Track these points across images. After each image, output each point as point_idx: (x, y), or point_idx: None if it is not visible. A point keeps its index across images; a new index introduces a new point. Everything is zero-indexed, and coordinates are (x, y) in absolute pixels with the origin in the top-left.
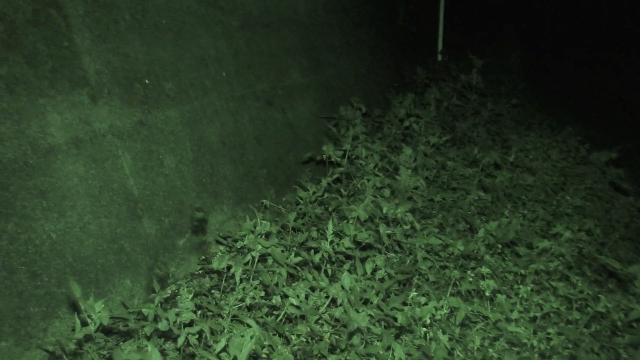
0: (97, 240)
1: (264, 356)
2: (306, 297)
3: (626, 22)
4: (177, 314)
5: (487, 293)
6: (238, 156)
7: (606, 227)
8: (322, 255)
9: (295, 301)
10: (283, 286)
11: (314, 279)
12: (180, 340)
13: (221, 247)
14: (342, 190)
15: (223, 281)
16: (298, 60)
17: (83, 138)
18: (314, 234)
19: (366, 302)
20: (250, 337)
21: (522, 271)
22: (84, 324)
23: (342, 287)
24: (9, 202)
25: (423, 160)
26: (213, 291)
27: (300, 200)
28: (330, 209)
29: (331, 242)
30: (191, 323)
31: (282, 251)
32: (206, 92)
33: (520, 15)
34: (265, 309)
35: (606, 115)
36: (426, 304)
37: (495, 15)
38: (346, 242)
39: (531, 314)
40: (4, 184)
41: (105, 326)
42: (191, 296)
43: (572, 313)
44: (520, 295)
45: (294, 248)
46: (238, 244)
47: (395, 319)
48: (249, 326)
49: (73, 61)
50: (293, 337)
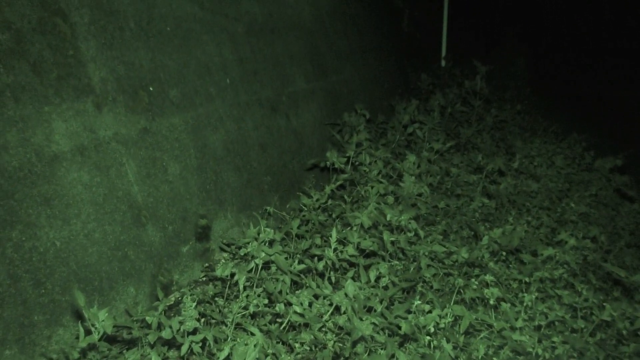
0: (101, 247)
1: None
2: (310, 305)
3: (631, 28)
4: (181, 322)
5: (492, 301)
6: (242, 163)
7: (611, 235)
8: (326, 262)
9: (298, 309)
10: (287, 294)
11: (318, 287)
12: (183, 348)
13: (225, 255)
14: (346, 197)
15: (227, 289)
16: (303, 66)
17: (87, 146)
18: (318, 241)
19: (370, 310)
20: (253, 346)
21: (527, 279)
22: (88, 333)
23: (346, 295)
24: (14, 210)
25: (427, 166)
26: (217, 299)
27: (303, 207)
28: (334, 216)
29: (335, 250)
30: (195, 331)
31: (286, 258)
32: (211, 99)
33: (524, 21)
34: (268, 317)
35: (611, 121)
36: (430, 312)
37: (499, 21)
38: (350, 250)
39: (536, 323)
40: (9, 192)
41: (109, 335)
42: (195, 304)
43: (577, 321)
44: (524, 303)
45: (298, 255)
46: (242, 251)
47: (399, 327)
48: (253, 334)
49: (78, 69)
50: (297, 345)
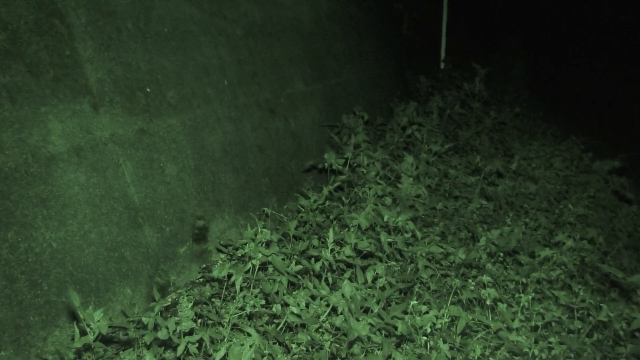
0: (98, 248)
1: None
2: (307, 306)
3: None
4: (177, 323)
5: (488, 302)
6: (240, 164)
7: (609, 236)
8: (323, 263)
9: (295, 310)
10: (283, 295)
11: (315, 288)
12: (180, 349)
13: (222, 256)
14: (344, 198)
15: (224, 289)
16: (301, 68)
17: (84, 146)
18: (315, 242)
19: (367, 311)
20: (250, 346)
21: (524, 280)
22: (83, 333)
23: (343, 296)
24: (10, 211)
25: (425, 168)
26: (213, 299)
27: (301, 208)
28: (331, 217)
29: (332, 251)
30: (191, 332)
31: (283, 259)
32: (208, 101)
33: (524, 23)
34: (265, 318)
35: (610, 124)
36: (427, 313)
37: (499, 23)
38: (347, 251)
39: (532, 323)
40: (5, 193)
41: (104, 335)
42: (191, 305)
43: (574, 322)
44: (521, 304)
45: (295, 256)
46: (239, 252)
47: (395, 328)
48: (249, 335)
49: (75, 70)
50: (293, 346)
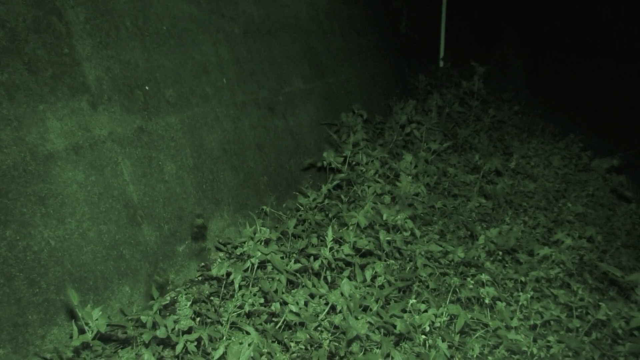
0: (96, 247)
1: None
2: (305, 304)
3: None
4: (176, 321)
5: (487, 300)
6: (239, 163)
7: (608, 235)
8: (322, 262)
9: (294, 308)
10: (282, 293)
11: (314, 286)
12: (178, 347)
13: (221, 254)
14: (343, 196)
15: (222, 288)
16: (300, 66)
17: (83, 144)
18: (314, 241)
19: (366, 309)
20: (248, 345)
21: (523, 278)
22: (82, 332)
23: (342, 294)
24: (8, 209)
25: (424, 166)
26: (212, 298)
27: (300, 206)
28: (330, 216)
29: (331, 249)
30: (190, 330)
31: (282, 258)
32: (207, 99)
33: (522, 21)
34: (264, 316)
35: (608, 122)
36: (426, 311)
37: (497, 21)
38: (346, 249)
39: (531, 322)
40: (3, 191)
41: (103, 334)
42: (190, 303)
43: (573, 321)
44: (520, 302)
45: (294, 255)
46: (238, 251)
47: (394, 326)
48: (248, 333)
49: (73, 68)
50: (292, 345)
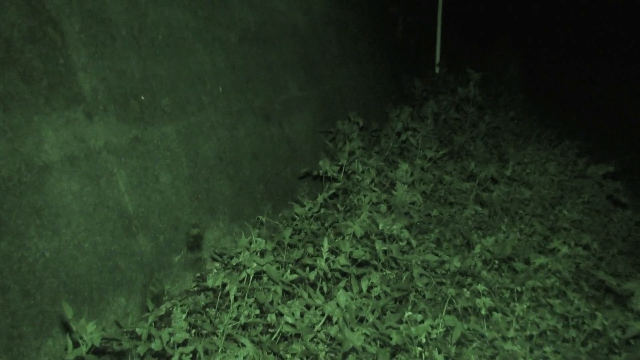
0: (92, 258)
1: None
2: (301, 315)
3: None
4: (171, 334)
5: (483, 311)
6: (234, 172)
7: (604, 242)
8: (318, 272)
9: (290, 319)
10: (278, 304)
11: (310, 297)
12: None
13: (217, 264)
14: (339, 205)
15: (218, 299)
16: (296, 74)
17: (78, 155)
18: (310, 250)
19: (362, 320)
20: (244, 357)
21: (519, 288)
22: (76, 345)
23: (338, 305)
24: (3, 221)
25: (420, 174)
26: (208, 309)
27: (296, 216)
28: (326, 225)
29: (327, 260)
30: (185, 342)
31: (278, 268)
32: (203, 108)
33: (517, 26)
34: (260, 328)
35: (604, 127)
36: (422, 322)
37: (492, 26)
38: (342, 260)
39: (527, 332)
40: None
41: (97, 347)
42: (185, 315)
43: (569, 331)
44: (516, 313)
45: (290, 265)
46: (233, 261)
47: (390, 338)
48: (244, 345)
49: (69, 78)
50: (288, 356)
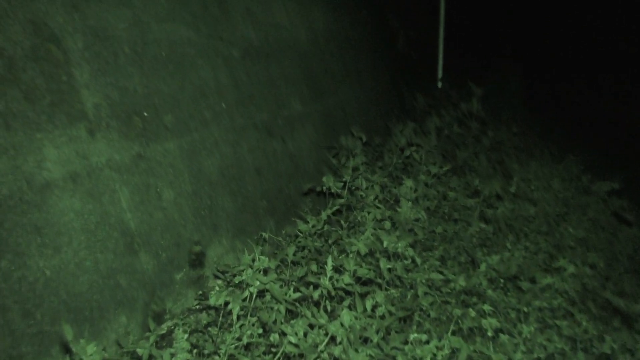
0: (93, 276)
1: None
2: (305, 335)
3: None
4: (172, 354)
5: (490, 332)
6: (237, 187)
7: (610, 260)
8: (322, 291)
9: (293, 339)
10: (281, 323)
11: (313, 316)
12: None
13: (219, 282)
14: (342, 222)
15: (220, 317)
16: (299, 89)
17: (80, 172)
18: (314, 268)
19: (366, 341)
20: None
21: (525, 308)
22: None
23: (342, 325)
24: (3, 239)
25: (424, 190)
26: (210, 328)
27: (300, 232)
28: (330, 242)
29: (330, 278)
30: None
31: (281, 286)
32: (206, 124)
33: (519, 40)
34: (262, 348)
35: (607, 142)
36: (427, 343)
37: (494, 40)
38: (346, 278)
39: (535, 355)
40: None
41: None
42: (187, 335)
43: (577, 354)
44: (523, 334)
45: (293, 283)
46: (236, 279)
47: (395, 359)
48: None
49: (71, 95)
50: None
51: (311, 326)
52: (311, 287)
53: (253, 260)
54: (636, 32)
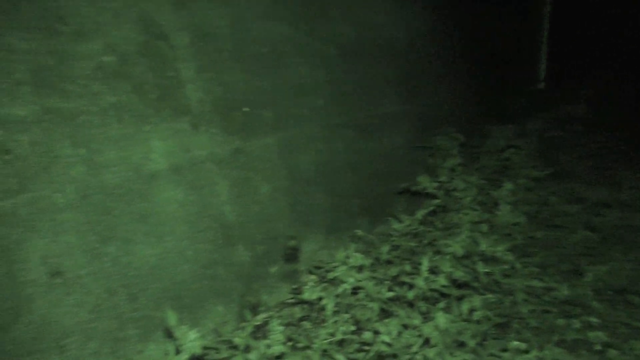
0: (193, 265)
1: None
2: (398, 335)
3: None
4: (268, 346)
5: (597, 346)
6: (331, 185)
7: None
8: (417, 292)
9: (387, 338)
10: (375, 321)
11: (407, 316)
12: None
13: (312, 277)
14: (437, 223)
15: (314, 312)
16: (393, 88)
17: (183, 165)
18: (407, 268)
19: (462, 345)
20: None
21: (638, 324)
22: (178, 352)
23: (437, 327)
24: (112, 226)
25: (523, 194)
26: (303, 322)
27: (394, 232)
28: (424, 242)
29: (426, 279)
30: (281, 355)
31: (375, 284)
32: (302, 120)
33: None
34: (355, 345)
35: None
36: (527, 352)
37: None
38: (442, 280)
39: None
40: (109, 208)
41: (197, 355)
42: (282, 328)
43: None
44: (635, 351)
45: (386, 282)
46: (330, 275)
47: None
48: None
49: (177, 90)
50: None
51: (405, 326)
52: (405, 287)
53: (347, 257)
54: None
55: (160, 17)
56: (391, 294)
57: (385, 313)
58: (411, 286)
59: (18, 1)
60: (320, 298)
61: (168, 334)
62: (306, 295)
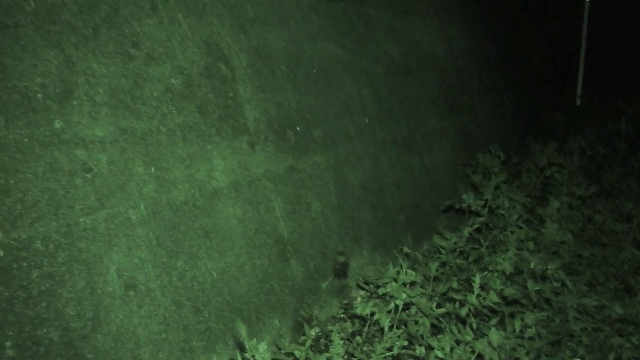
0: (251, 280)
1: None
2: (451, 350)
3: None
4: (328, 359)
5: None
6: (377, 201)
7: None
8: (469, 308)
9: (440, 354)
10: (427, 337)
11: (459, 332)
12: None
13: (362, 292)
14: (482, 240)
15: (366, 327)
16: (436, 105)
17: (242, 182)
18: (454, 285)
19: None
20: None
21: None
22: None
23: (489, 343)
24: (179, 241)
25: (568, 212)
26: (356, 337)
27: (442, 248)
28: (470, 260)
29: (477, 296)
30: None
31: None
32: (350, 138)
33: None
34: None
35: None
36: None
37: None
38: (493, 297)
39: None
40: (176, 224)
41: None
42: (342, 342)
43: None
44: None
45: (435, 298)
46: (380, 291)
47: None
48: None
49: (236, 110)
50: None
51: (457, 342)
52: (456, 304)
53: (397, 273)
54: None
55: (221, 40)
56: (442, 310)
57: (435, 329)
58: (462, 303)
59: (98, 28)
60: (372, 313)
61: (228, 345)
62: (358, 310)
